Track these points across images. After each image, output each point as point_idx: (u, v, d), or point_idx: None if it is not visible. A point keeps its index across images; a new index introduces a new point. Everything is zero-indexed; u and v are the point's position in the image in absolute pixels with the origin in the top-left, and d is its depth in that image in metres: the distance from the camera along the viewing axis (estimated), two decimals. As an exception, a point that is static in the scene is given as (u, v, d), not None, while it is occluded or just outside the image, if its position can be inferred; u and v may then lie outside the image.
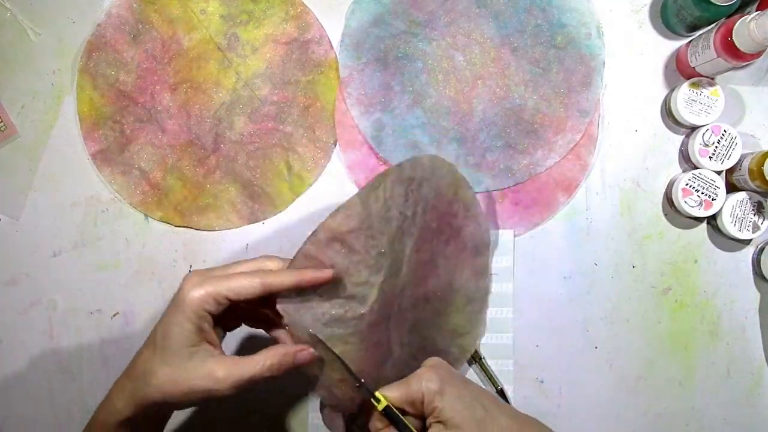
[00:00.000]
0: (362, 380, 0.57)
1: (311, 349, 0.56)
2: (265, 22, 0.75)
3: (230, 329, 0.59)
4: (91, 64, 0.75)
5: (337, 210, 0.57)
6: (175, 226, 0.75)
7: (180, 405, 0.55)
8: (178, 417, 0.75)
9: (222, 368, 0.52)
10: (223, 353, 0.55)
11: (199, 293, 0.53)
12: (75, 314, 0.75)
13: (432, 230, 0.65)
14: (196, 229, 0.75)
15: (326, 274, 0.56)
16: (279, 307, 0.56)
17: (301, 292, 0.57)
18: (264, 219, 0.76)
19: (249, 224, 0.76)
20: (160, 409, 0.57)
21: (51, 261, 0.76)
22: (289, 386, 0.74)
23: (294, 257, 0.57)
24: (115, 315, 0.76)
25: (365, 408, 0.59)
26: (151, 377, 0.53)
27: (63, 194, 0.76)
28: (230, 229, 0.75)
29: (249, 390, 0.53)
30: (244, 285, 0.54)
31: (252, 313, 0.60)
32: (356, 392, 0.59)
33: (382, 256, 0.59)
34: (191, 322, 0.53)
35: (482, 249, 0.70)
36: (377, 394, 0.56)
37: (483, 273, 0.71)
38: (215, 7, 0.75)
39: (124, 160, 0.75)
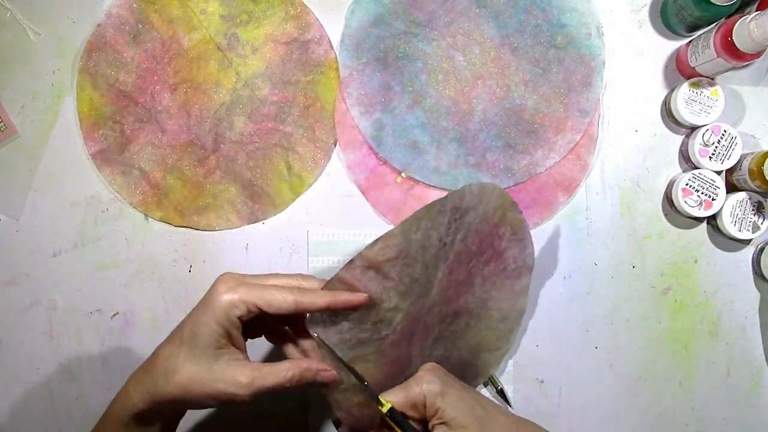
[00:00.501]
0: (366, 383, 0.57)
1: (334, 372, 0.57)
2: (265, 22, 0.75)
3: (250, 338, 0.59)
4: (91, 64, 0.75)
5: (376, 240, 0.57)
6: (175, 226, 0.75)
7: (197, 405, 0.55)
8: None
9: (245, 374, 0.52)
10: (247, 359, 0.55)
11: (231, 297, 0.53)
12: (75, 314, 0.75)
13: (471, 252, 0.64)
14: (196, 229, 0.75)
15: (360, 298, 0.56)
16: (308, 326, 0.57)
17: (331, 314, 0.57)
18: (264, 219, 0.76)
19: (249, 224, 0.76)
20: (177, 407, 0.57)
21: (51, 261, 0.76)
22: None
23: (329, 281, 0.57)
24: (115, 315, 0.76)
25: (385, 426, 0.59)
26: (173, 374, 0.52)
27: (63, 194, 0.76)
28: (230, 229, 0.75)
29: (267, 395, 0.53)
30: (278, 299, 0.53)
31: (273, 327, 0.60)
32: (375, 413, 0.59)
33: (414, 282, 0.59)
34: (220, 324, 0.52)
35: (524, 271, 0.69)
36: (380, 398, 0.55)
37: (521, 294, 0.69)
38: (215, 7, 0.75)
39: (124, 160, 0.75)
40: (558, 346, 0.75)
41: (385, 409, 0.55)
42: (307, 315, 0.57)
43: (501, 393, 0.74)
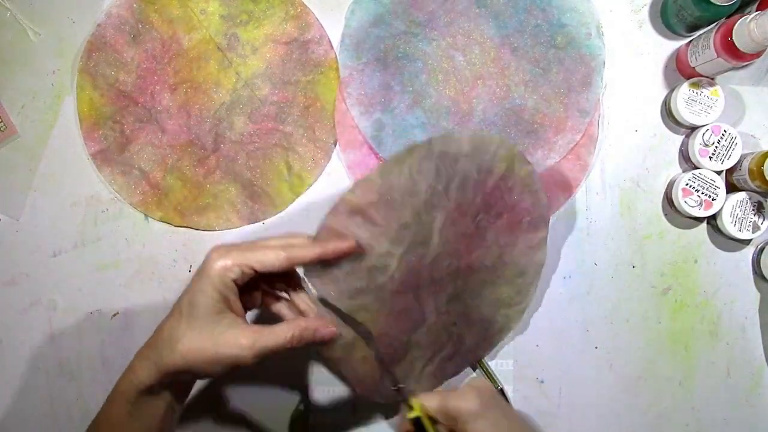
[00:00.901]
0: (400, 385, 0.57)
1: (333, 328, 0.58)
2: (265, 22, 0.75)
3: (247, 309, 0.59)
4: (91, 64, 0.75)
5: (356, 184, 0.59)
6: (175, 226, 0.75)
7: (204, 373, 0.55)
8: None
9: (246, 336, 0.53)
10: (246, 323, 0.56)
11: (225, 262, 0.54)
12: (75, 314, 0.75)
13: (475, 204, 0.65)
14: (196, 229, 0.75)
15: (348, 243, 0.57)
16: (307, 279, 0.59)
17: (325, 265, 0.59)
18: (264, 219, 0.76)
19: (249, 224, 0.76)
20: (183, 379, 0.58)
21: (51, 261, 0.76)
22: (289, 384, 0.74)
23: (316, 232, 0.59)
24: (115, 315, 0.76)
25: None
26: (176, 344, 0.53)
27: (63, 194, 0.76)
28: (230, 229, 0.75)
29: (269, 359, 0.54)
30: (270, 257, 0.55)
31: (269, 291, 0.61)
32: (378, 370, 0.61)
33: (406, 228, 0.60)
34: (217, 290, 0.54)
35: (539, 224, 0.69)
36: (413, 402, 0.56)
37: (539, 247, 0.70)
38: (215, 7, 0.75)
39: (124, 160, 0.75)
40: (558, 346, 0.75)
41: (411, 415, 0.55)
42: (303, 270, 0.59)
43: (501, 393, 0.74)
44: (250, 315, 0.61)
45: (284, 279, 0.61)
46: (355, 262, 0.60)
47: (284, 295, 0.61)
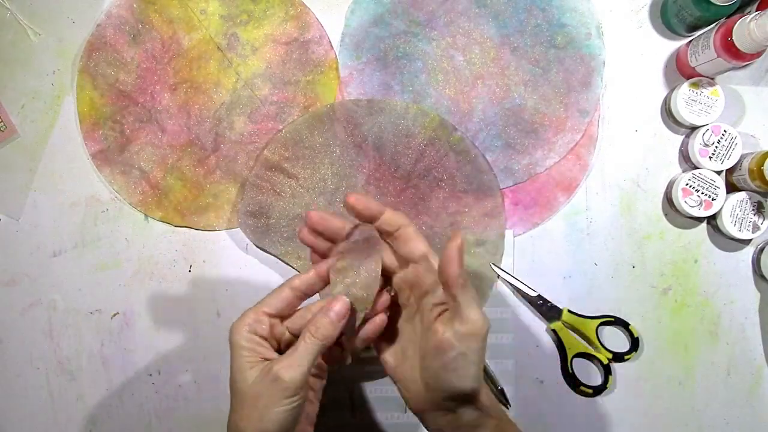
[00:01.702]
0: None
1: (343, 299, 0.54)
2: (265, 22, 0.75)
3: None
4: (91, 64, 0.75)
5: (269, 141, 0.71)
6: (175, 226, 0.75)
7: (285, 426, 0.52)
8: (176, 418, 0.75)
9: (280, 360, 0.51)
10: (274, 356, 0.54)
11: (240, 326, 0.54)
12: (75, 314, 0.75)
13: (404, 167, 0.72)
14: (196, 229, 0.75)
15: (321, 270, 0.57)
16: (241, 229, 0.74)
17: (255, 215, 0.73)
18: (264, 219, 0.76)
19: (249, 224, 0.76)
20: None
21: (51, 261, 0.76)
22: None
23: (242, 192, 0.71)
24: (115, 315, 0.76)
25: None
26: (246, 428, 0.51)
27: (63, 194, 0.76)
28: (230, 229, 0.75)
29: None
30: (278, 296, 0.55)
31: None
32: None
33: (322, 180, 0.73)
34: (246, 350, 0.53)
35: (487, 190, 0.73)
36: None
37: (493, 215, 0.73)
38: (215, 7, 0.75)
39: (124, 160, 0.75)
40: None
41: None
42: (239, 222, 0.71)
43: (501, 393, 0.74)
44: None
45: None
46: (281, 212, 0.71)
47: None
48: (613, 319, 0.74)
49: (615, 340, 0.75)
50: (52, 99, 0.76)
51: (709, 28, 0.70)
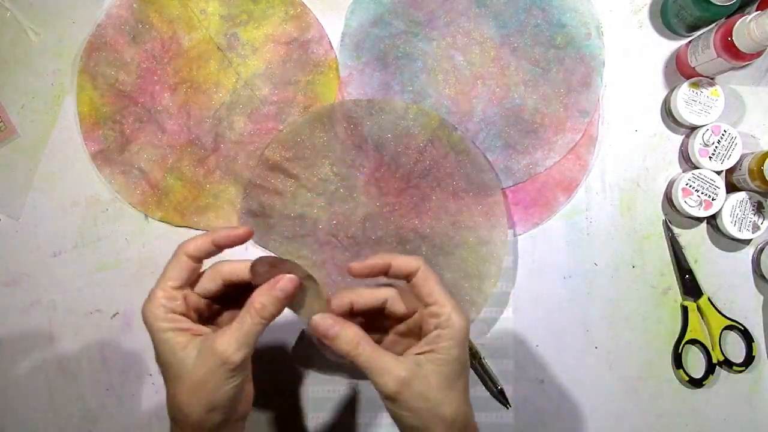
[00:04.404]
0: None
1: (289, 276, 0.52)
2: (265, 22, 0.75)
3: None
4: (91, 64, 0.75)
5: (271, 140, 0.71)
6: (175, 225, 0.75)
7: (225, 404, 0.51)
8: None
9: (223, 340, 0.50)
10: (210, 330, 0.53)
11: (152, 308, 0.52)
12: (75, 314, 0.75)
13: (405, 167, 0.72)
14: (196, 229, 0.75)
15: (241, 233, 0.55)
16: (253, 238, 0.71)
17: (256, 216, 0.73)
18: (264, 219, 0.76)
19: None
20: (228, 429, 0.54)
21: (51, 261, 0.76)
22: (289, 384, 0.74)
23: (246, 187, 0.69)
24: (115, 315, 0.76)
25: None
26: (181, 406, 0.51)
27: (63, 194, 0.76)
28: (230, 229, 0.75)
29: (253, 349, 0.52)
30: (176, 266, 0.53)
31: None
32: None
33: (322, 182, 0.73)
34: (166, 331, 0.51)
35: (487, 189, 0.73)
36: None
37: (495, 213, 0.73)
38: (215, 7, 0.75)
39: (124, 160, 0.75)
40: (558, 346, 0.75)
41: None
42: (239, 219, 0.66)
43: (501, 393, 0.74)
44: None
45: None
46: (282, 212, 0.70)
47: None
48: (742, 328, 0.74)
49: (732, 348, 0.75)
50: (52, 99, 0.76)
51: (709, 28, 0.70)
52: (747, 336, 0.74)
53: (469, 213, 0.73)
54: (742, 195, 0.72)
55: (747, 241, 0.75)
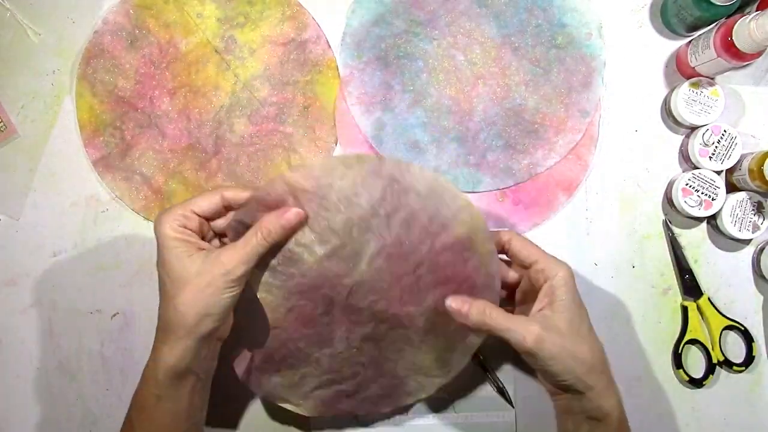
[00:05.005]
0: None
1: (296, 210, 0.59)
2: (262, 23, 0.75)
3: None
4: (89, 71, 0.74)
5: (299, 166, 0.60)
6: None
7: (217, 314, 0.57)
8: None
9: (227, 255, 0.56)
10: (218, 249, 0.59)
11: (169, 219, 0.58)
12: (75, 314, 0.75)
13: (420, 253, 0.63)
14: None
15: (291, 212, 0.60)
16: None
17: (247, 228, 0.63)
18: (265, 219, 0.76)
19: (250, 225, 0.75)
20: (205, 343, 0.59)
21: (51, 261, 0.76)
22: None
23: (247, 201, 0.61)
24: (115, 315, 0.76)
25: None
26: (179, 308, 0.56)
27: (63, 194, 0.76)
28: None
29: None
30: (206, 198, 0.60)
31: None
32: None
33: (331, 233, 0.61)
34: (177, 240, 0.57)
35: (486, 293, 0.66)
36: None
37: (476, 331, 0.65)
38: (211, 10, 0.75)
39: (126, 166, 0.74)
40: (558, 345, 0.75)
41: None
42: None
43: (501, 392, 0.74)
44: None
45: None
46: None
47: None
48: (742, 328, 0.74)
49: (732, 348, 0.75)
50: (52, 99, 0.76)
51: (709, 28, 0.70)
52: (747, 336, 0.74)
53: (454, 321, 0.64)
54: (742, 195, 0.72)
55: (747, 241, 0.75)
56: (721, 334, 0.74)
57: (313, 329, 0.65)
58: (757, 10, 0.70)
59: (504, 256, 0.66)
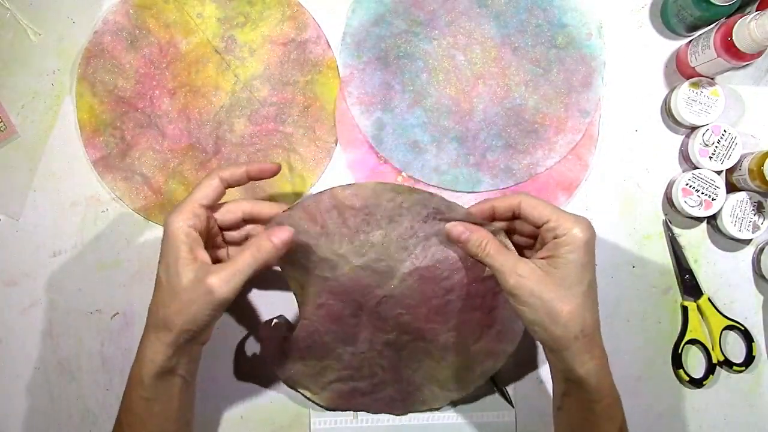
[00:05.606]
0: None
1: (287, 228, 0.60)
2: (262, 23, 0.75)
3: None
4: (89, 71, 0.74)
5: (350, 185, 0.61)
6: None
7: (203, 322, 0.57)
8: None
9: (215, 275, 0.56)
10: (213, 264, 0.59)
11: (180, 218, 0.58)
12: (75, 314, 0.75)
13: (452, 280, 0.65)
14: (197, 230, 0.75)
15: (273, 167, 0.63)
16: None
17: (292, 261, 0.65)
18: (265, 219, 0.76)
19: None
20: (191, 343, 0.59)
21: (51, 261, 0.76)
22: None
23: (293, 206, 0.62)
24: (115, 315, 0.76)
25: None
26: (169, 310, 0.57)
27: (63, 194, 0.76)
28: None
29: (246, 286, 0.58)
30: (208, 186, 0.60)
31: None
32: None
33: (369, 246, 0.63)
34: (184, 244, 0.57)
35: (508, 338, 0.70)
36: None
37: (496, 357, 0.70)
38: (211, 10, 0.75)
39: (126, 166, 0.74)
40: (558, 345, 0.75)
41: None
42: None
43: (501, 393, 0.74)
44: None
45: None
46: (311, 245, 0.63)
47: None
48: (742, 328, 0.74)
49: (732, 348, 0.76)
50: (52, 99, 0.76)
51: (709, 28, 0.70)
52: (747, 336, 0.74)
53: (477, 343, 0.69)
54: (742, 195, 0.72)
55: (747, 241, 0.75)
56: (721, 334, 0.74)
57: (340, 327, 0.67)
58: (757, 10, 0.70)
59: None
